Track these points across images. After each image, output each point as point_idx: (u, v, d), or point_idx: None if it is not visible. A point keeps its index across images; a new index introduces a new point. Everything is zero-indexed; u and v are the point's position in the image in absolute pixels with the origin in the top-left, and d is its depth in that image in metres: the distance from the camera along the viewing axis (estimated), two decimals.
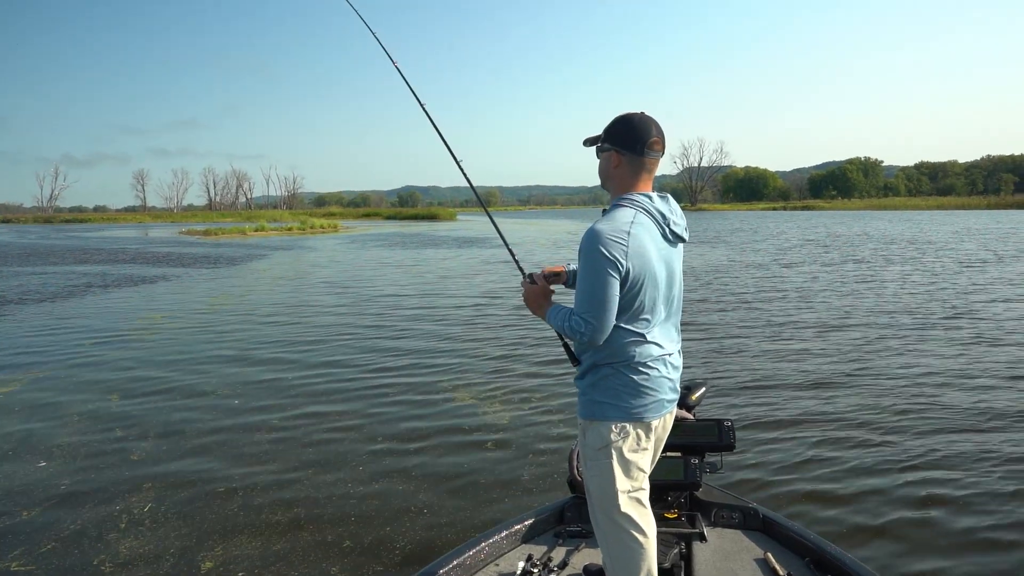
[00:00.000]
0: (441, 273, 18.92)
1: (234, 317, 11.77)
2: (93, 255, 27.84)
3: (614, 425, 2.12)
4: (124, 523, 4.06)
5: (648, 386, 2.13)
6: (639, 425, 2.14)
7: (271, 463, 4.99)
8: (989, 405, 6.15)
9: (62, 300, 14.12)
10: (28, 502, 4.36)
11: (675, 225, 2.19)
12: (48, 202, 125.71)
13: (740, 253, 24.19)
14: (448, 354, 8.55)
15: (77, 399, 6.76)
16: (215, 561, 3.62)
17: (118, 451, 5.27)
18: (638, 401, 2.12)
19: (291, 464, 4.97)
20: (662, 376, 2.16)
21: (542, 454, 5.17)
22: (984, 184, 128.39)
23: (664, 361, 2.17)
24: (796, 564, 2.59)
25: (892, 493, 4.38)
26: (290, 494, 4.45)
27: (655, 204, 2.16)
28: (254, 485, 4.60)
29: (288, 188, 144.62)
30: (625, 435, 2.12)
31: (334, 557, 3.69)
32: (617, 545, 2.17)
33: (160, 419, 6.06)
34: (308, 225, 55.91)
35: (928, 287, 14.13)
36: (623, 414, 2.12)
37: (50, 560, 3.67)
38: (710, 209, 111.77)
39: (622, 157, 2.18)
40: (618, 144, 2.18)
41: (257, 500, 4.37)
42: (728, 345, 8.98)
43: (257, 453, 5.20)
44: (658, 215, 2.15)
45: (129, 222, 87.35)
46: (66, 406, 6.52)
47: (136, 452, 5.25)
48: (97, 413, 6.29)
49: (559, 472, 4.75)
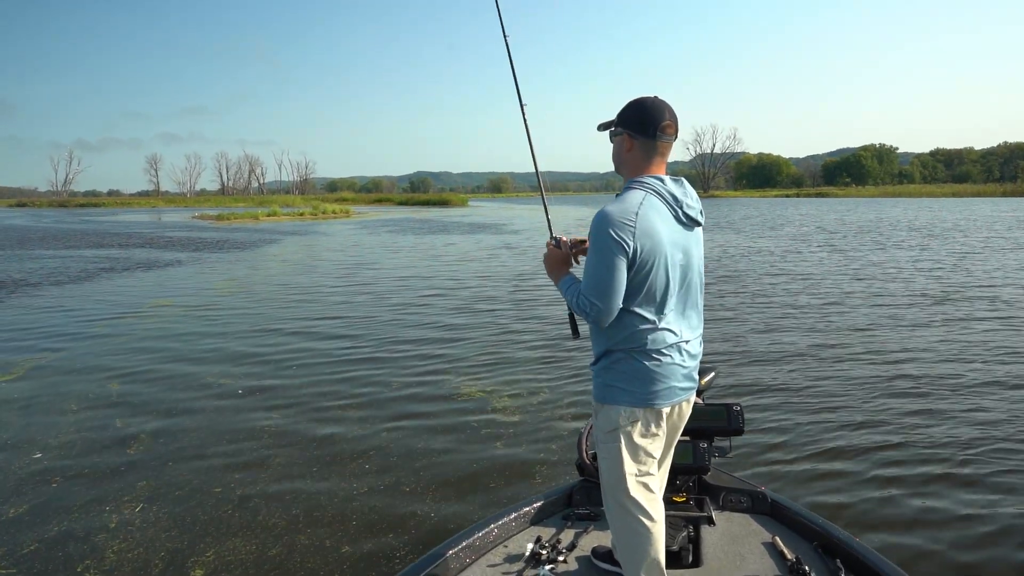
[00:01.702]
0: (450, 259, 18.70)
1: (240, 304, 11.60)
2: (107, 239, 27.84)
3: (623, 409, 2.13)
4: (114, 523, 3.87)
5: (660, 372, 2.11)
6: (649, 411, 2.14)
7: (269, 459, 4.79)
8: (1012, 391, 6.08)
9: (72, 284, 14.02)
10: (17, 498, 4.18)
11: (689, 208, 2.16)
12: (63, 186, 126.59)
13: (750, 239, 23.90)
14: (455, 340, 8.34)
15: (77, 388, 6.60)
16: (206, 568, 3.42)
17: (115, 445, 5.09)
18: (648, 387, 2.11)
19: (292, 457, 4.77)
20: (675, 364, 2.14)
21: (551, 440, 5.12)
22: (1000, 171, 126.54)
23: (679, 348, 2.14)
24: (804, 548, 2.59)
25: (902, 479, 4.37)
26: (290, 486, 4.25)
27: (667, 187, 2.14)
28: (252, 483, 4.39)
29: (300, 173, 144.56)
30: (634, 420, 2.13)
31: (341, 542, 3.60)
32: (624, 528, 2.20)
33: (161, 410, 5.88)
34: (320, 210, 55.77)
35: (948, 271, 13.94)
36: (633, 399, 2.11)
37: (32, 563, 3.48)
38: (722, 196, 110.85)
39: (635, 141, 2.17)
40: (631, 128, 2.17)
41: (253, 501, 4.15)
42: (738, 330, 8.98)
43: (256, 449, 5.00)
44: (670, 197, 2.13)
45: (143, 206, 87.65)
46: (66, 395, 6.36)
47: (133, 446, 5.07)
48: (98, 403, 6.12)
49: (568, 458, 4.70)
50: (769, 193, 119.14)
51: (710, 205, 67.10)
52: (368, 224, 40.19)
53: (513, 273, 15.39)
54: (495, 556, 2.61)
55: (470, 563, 2.57)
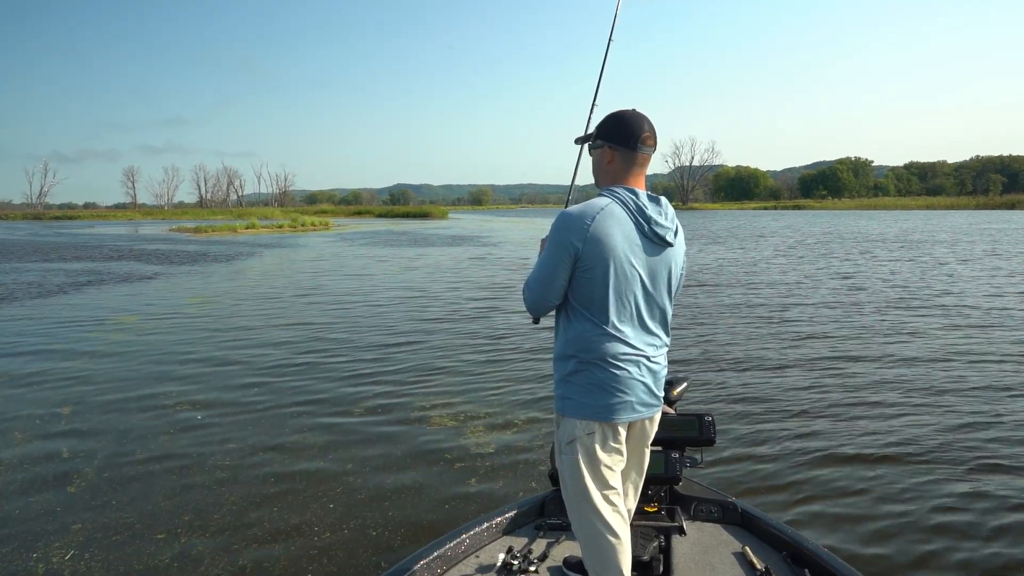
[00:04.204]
0: (429, 270, 18.37)
1: (208, 321, 11.17)
2: (80, 252, 27.09)
3: (579, 422, 2.12)
4: (40, 573, 3.51)
5: (615, 386, 2.09)
6: (606, 425, 2.12)
7: (221, 500, 4.41)
8: (984, 398, 6.24)
9: (37, 299, 13.46)
10: None
11: (658, 226, 2.12)
12: (37, 199, 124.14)
13: (729, 251, 23.92)
14: (432, 350, 8.06)
15: (26, 413, 6.20)
16: None
17: (55, 480, 4.70)
18: (604, 400, 2.09)
19: (246, 497, 4.42)
20: (633, 378, 2.11)
21: (524, 450, 5.13)
22: (973, 184, 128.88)
23: (637, 363, 2.12)
24: (774, 558, 2.60)
25: (872, 489, 4.40)
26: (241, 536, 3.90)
27: (639, 200, 2.12)
28: (198, 528, 4.02)
29: (279, 186, 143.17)
30: (591, 433, 2.11)
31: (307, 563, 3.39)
32: (586, 539, 2.19)
33: (110, 439, 5.49)
34: (299, 223, 55.19)
35: (916, 280, 14.07)
36: (588, 412, 2.11)
37: None
38: (701, 208, 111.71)
39: (615, 152, 2.18)
40: (611, 140, 2.18)
41: (197, 550, 3.75)
42: (710, 339, 8.99)
43: (206, 485, 4.61)
44: (635, 210, 2.10)
45: (119, 219, 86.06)
46: (13, 422, 5.96)
47: (75, 482, 4.67)
48: (45, 431, 5.72)
49: (539, 469, 4.71)
50: (747, 205, 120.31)
51: (689, 217, 67.54)
52: (347, 236, 39.75)
53: (491, 283, 15.12)
54: (466, 566, 2.59)
55: (441, 573, 2.55)
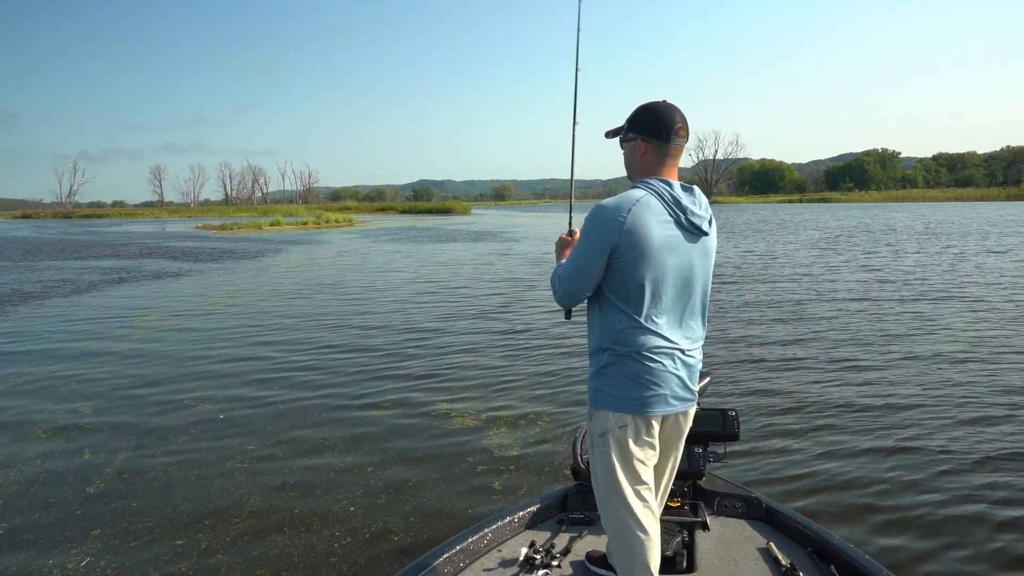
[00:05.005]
0: (453, 266, 18.28)
1: (233, 319, 11.16)
2: (109, 249, 27.48)
3: (612, 414, 2.11)
4: None
5: (649, 379, 2.08)
6: (640, 419, 2.11)
7: (241, 503, 4.30)
8: (1009, 393, 6.10)
9: (64, 297, 13.59)
10: None
11: (694, 216, 2.11)
12: (67, 197, 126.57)
13: (753, 243, 23.51)
14: (454, 345, 7.97)
15: (49, 410, 6.19)
16: None
17: (76, 481, 4.63)
18: (638, 393, 2.08)
19: (266, 502, 4.30)
20: (667, 371, 2.09)
21: (548, 442, 5.15)
22: (1004, 175, 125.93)
23: (672, 355, 2.10)
24: (798, 554, 2.58)
25: (900, 484, 4.31)
26: (262, 542, 3.78)
27: (673, 191, 2.10)
28: (219, 533, 3.91)
29: (303, 183, 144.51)
30: (624, 426, 2.10)
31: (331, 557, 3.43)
32: (615, 533, 2.19)
33: (133, 439, 5.43)
34: (323, 220, 55.53)
35: (945, 275, 13.88)
36: (622, 404, 2.10)
37: None
38: (725, 201, 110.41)
39: (648, 145, 2.16)
40: (644, 132, 2.16)
41: (216, 557, 3.65)
42: (736, 334, 8.90)
43: (227, 489, 4.51)
44: (671, 200, 2.09)
45: (147, 217, 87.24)
46: (36, 419, 5.94)
47: (96, 482, 4.60)
48: (67, 429, 5.69)
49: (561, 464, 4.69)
50: (772, 199, 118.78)
51: (713, 210, 66.75)
52: (371, 232, 39.85)
53: (512, 278, 14.97)
54: (489, 560, 2.59)
55: (464, 567, 2.55)
